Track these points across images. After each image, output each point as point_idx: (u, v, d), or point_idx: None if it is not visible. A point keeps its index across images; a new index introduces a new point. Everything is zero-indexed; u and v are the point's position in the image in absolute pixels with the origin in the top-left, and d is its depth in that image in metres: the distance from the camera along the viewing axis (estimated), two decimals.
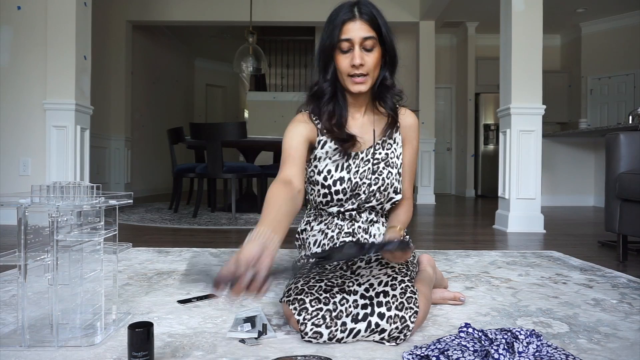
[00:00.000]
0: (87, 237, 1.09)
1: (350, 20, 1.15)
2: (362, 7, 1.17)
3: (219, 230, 3.19)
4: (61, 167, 3.25)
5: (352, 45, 1.15)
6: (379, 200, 1.28)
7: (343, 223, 1.31)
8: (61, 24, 3.23)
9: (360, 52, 1.15)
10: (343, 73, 1.18)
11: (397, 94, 1.27)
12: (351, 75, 1.17)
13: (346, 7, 1.17)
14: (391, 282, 1.13)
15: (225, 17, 5.87)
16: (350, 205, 1.28)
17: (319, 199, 1.29)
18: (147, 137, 7.06)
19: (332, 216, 1.31)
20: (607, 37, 6.75)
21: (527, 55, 3.32)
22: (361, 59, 1.15)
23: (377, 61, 1.18)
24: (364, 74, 1.17)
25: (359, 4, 1.17)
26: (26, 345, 1.02)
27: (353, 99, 1.26)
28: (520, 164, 3.33)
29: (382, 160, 1.27)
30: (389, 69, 1.23)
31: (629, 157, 2.26)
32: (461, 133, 7.67)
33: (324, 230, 1.31)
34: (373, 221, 1.33)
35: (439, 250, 2.44)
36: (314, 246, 1.31)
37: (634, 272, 1.96)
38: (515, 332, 1.01)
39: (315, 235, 1.32)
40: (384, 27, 1.18)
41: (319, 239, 1.31)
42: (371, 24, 1.16)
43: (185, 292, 1.55)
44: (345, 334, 1.05)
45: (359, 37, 1.14)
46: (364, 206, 1.29)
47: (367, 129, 1.28)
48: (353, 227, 1.30)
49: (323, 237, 1.30)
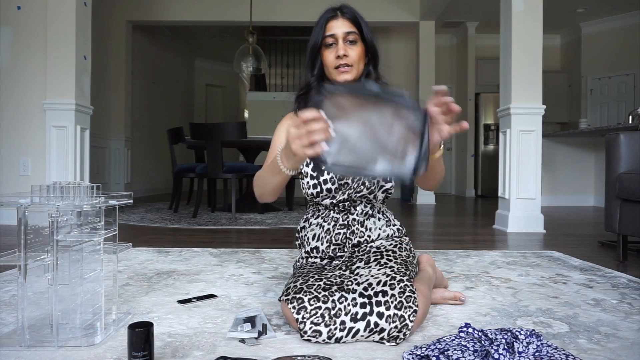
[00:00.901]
0: (87, 237, 1.09)
1: (332, 19, 1.27)
2: (344, 8, 1.29)
3: (219, 230, 3.19)
4: (61, 167, 3.25)
5: (336, 40, 1.26)
6: (369, 189, 1.32)
7: (338, 215, 1.35)
8: (61, 24, 3.24)
9: (344, 45, 1.25)
10: (330, 67, 1.28)
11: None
12: (337, 67, 1.26)
13: (330, 9, 1.29)
14: (390, 281, 1.13)
15: (225, 17, 5.87)
16: (341, 196, 1.32)
17: (310, 191, 1.33)
18: (147, 137, 7.06)
19: (327, 209, 1.36)
20: (607, 37, 6.75)
21: (527, 55, 3.32)
22: (345, 51, 1.25)
23: (360, 54, 1.27)
24: (348, 64, 1.25)
25: (342, 7, 1.29)
26: (26, 345, 1.02)
27: None
28: (520, 164, 3.33)
29: None
30: (372, 64, 1.33)
31: (629, 157, 2.26)
32: (461, 133, 7.66)
33: (321, 224, 1.36)
34: (369, 214, 1.37)
35: (439, 250, 2.44)
36: (313, 240, 1.36)
37: (634, 272, 1.96)
38: (515, 332, 1.01)
39: (313, 230, 1.37)
40: (365, 27, 1.28)
41: (317, 233, 1.36)
42: (352, 22, 1.27)
43: (185, 292, 1.55)
44: (344, 333, 1.06)
45: (342, 32, 1.25)
46: (356, 196, 1.32)
47: None
48: (348, 219, 1.34)
49: (320, 230, 1.35)
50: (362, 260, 1.27)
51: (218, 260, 2.10)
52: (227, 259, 2.12)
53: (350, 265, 1.27)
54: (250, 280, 1.72)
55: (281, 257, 2.17)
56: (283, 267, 1.95)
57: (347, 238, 1.33)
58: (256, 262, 2.06)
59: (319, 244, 1.35)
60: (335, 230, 1.34)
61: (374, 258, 1.26)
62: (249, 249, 2.41)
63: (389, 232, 1.38)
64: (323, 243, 1.34)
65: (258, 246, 2.51)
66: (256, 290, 1.58)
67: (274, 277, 1.77)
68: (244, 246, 2.53)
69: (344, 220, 1.34)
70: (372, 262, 1.24)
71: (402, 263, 1.24)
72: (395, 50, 7.00)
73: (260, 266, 1.97)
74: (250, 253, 2.28)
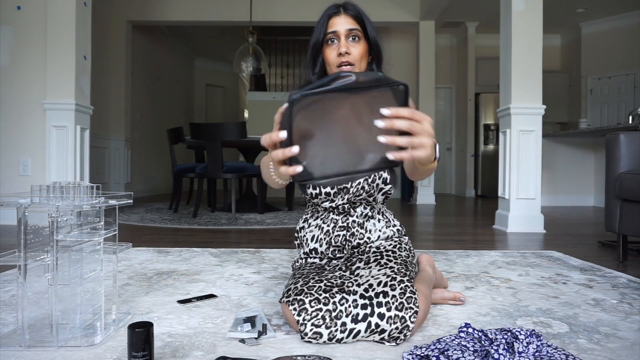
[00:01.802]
0: (87, 237, 1.09)
1: (335, 15, 1.23)
2: (347, 5, 1.25)
3: (219, 230, 3.19)
4: (61, 167, 3.25)
5: (338, 37, 1.22)
6: (368, 192, 1.31)
7: (338, 217, 1.34)
8: (61, 24, 3.24)
9: (346, 42, 1.21)
10: (332, 65, 1.24)
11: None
12: (339, 65, 1.22)
13: (332, 6, 1.25)
14: (390, 282, 1.13)
15: (225, 17, 5.87)
16: (340, 200, 1.31)
17: (309, 190, 1.33)
18: (147, 137, 7.06)
19: (327, 211, 1.35)
20: (607, 37, 6.75)
21: (527, 55, 3.32)
22: (347, 48, 1.20)
23: (362, 52, 1.23)
24: (350, 63, 1.21)
25: (345, 3, 1.26)
26: (26, 345, 1.02)
27: None
28: (520, 164, 3.33)
29: None
30: (375, 62, 1.29)
31: (629, 157, 2.26)
32: (461, 133, 7.67)
33: (320, 225, 1.35)
34: (368, 216, 1.36)
35: (439, 250, 2.44)
36: (312, 242, 1.35)
37: (634, 272, 1.96)
38: (515, 332, 1.01)
39: (312, 231, 1.36)
40: (369, 24, 1.24)
41: (316, 234, 1.35)
42: (355, 19, 1.23)
43: (185, 292, 1.55)
44: (345, 334, 1.05)
45: (344, 29, 1.21)
46: (355, 199, 1.32)
47: None
48: (347, 221, 1.33)
49: (319, 231, 1.34)
50: (361, 261, 1.27)
51: (218, 260, 2.10)
52: (227, 259, 2.12)
53: (350, 265, 1.27)
54: (250, 280, 1.72)
55: (281, 257, 2.17)
56: (283, 267, 1.95)
57: (346, 240, 1.32)
58: (256, 262, 2.06)
59: (317, 246, 1.34)
60: (334, 232, 1.33)
61: (374, 258, 1.26)
62: (249, 249, 2.41)
63: (389, 233, 1.37)
64: (322, 245, 1.34)
65: (258, 246, 2.51)
66: (256, 290, 1.58)
67: (274, 277, 1.77)
68: (244, 246, 2.53)
69: (344, 222, 1.33)
70: (372, 262, 1.24)
71: (402, 263, 1.24)
72: (395, 50, 7.00)
73: (260, 266, 1.97)
74: (250, 253, 2.28)
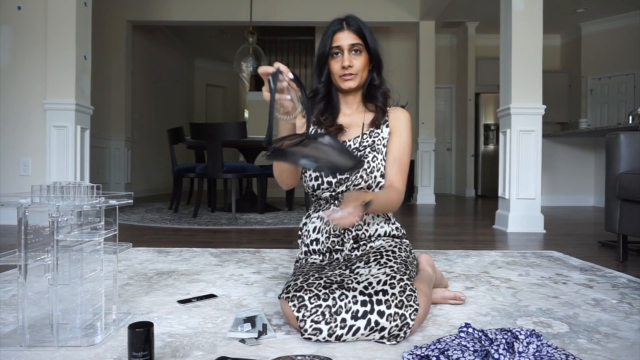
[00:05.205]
0: (87, 237, 1.09)
1: (339, 31, 1.35)
2: (349, 20, 1.36)
3: (219, 230, 3.20)
4: (61, 167, 3.25)
5: (342, 51, 1.35)
6: (366, 182, 1.35)
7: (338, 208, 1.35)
8: (61, 24, 3.23)
9: (349, 56, 1.34)
10: (336, 75, 1.37)
11: (385, 91, 1.44)
12: (342, 75, 1.36)
13: (337, 21, 1.38)
14: (390, 281, 1.13)
15: (225, 17, 5.87)
16: (339, 188, 1.38)
17: (312, 183, 1.39)
18: (147, 137, 7.06)
19: (328, 203, 1.40)
20: (607, 37, 6.75)
21: (527, 55, 3.32)
22: (349, 62, 1.34)
23: (364, 64, 1.37)
24: (353, 74, 1.35)
25: (347, 18, 1.37)
26: (26, 345, 1.02)
27: (344, 96, 1.43)
28: (520, 164, 3.33)
29: (369, 146, 1.39)
30: (376, 71, 1.42)
31: (629, 157, 2.26)
32: (461, 133, 7.67)
33: (322, 216, 1.39)
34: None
35: (439, 250, 2.44)
36: (313, 233, 1.40)
37: (634, 272, 1.96)
38: (515, 332, 1.01)
39: (314, 222, 1.41)
40: (369, 37, 1.36)
41: (317, 225, 1.40)
42: (357, 34, 1.35)
43: (185, 292, 1.55)
44: (344, 331, 1.06)
45: (347, 44, 1.34)
46: (354, 189, 1.36)
47: (357, 123, 1.43)
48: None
49: (320, 222, 1.39)
50: (361, 260, 1.28)
51: (218, 260, 2.10)
52: (227, 259, 2.12)
53: (350, 265, 1.28)
54: (250, 280, 1.72)
55: (281, 257, 2.17)
56: (283, 267, 1.95)
57: (345, 230, 1.36)
58: (256, 262, 2.06)
59: (319, 236, 1.38)
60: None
61: (374, 258, 1.26)
62: (249, 249, 2.41)
63: (387, 229, 1.39)
64: (323, 234, 1.38)
65: (258, 246, 2.51)
66: (256, 290, 1.58)
67: (274, 277, 1.77)
68: (244, 246, 2.53)
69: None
70: (371, 262, 1.25)
71: (401, 263, 1.24)
72: (395, 50, 7.00)
73: (260, 266, 1.97)
74: (250, 253, 2.28)
